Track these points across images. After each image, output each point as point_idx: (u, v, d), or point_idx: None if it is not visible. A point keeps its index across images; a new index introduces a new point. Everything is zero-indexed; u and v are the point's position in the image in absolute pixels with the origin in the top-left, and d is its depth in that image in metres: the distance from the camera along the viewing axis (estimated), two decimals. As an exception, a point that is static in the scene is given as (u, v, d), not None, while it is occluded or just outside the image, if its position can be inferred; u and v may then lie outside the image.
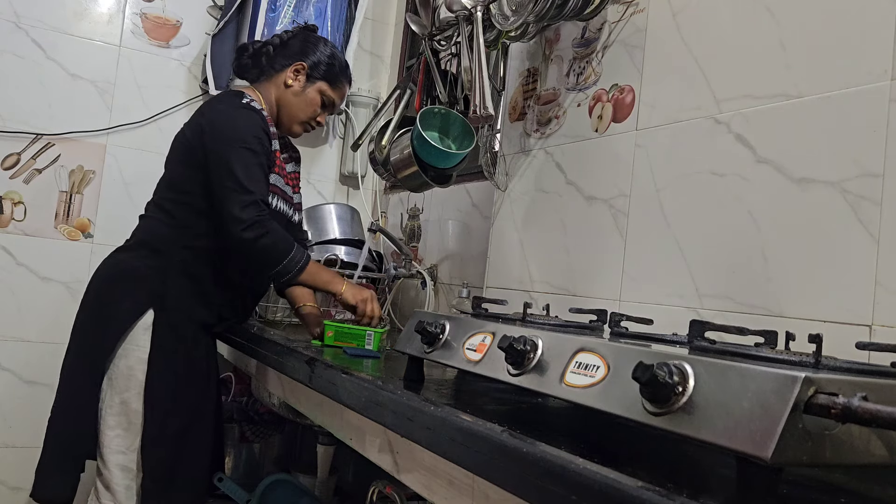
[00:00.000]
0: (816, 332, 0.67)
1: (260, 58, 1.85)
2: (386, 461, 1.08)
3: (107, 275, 1.74)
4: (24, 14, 2.40)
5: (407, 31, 2.86)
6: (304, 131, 1.89)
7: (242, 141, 1.65)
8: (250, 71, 1.88)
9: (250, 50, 1.87)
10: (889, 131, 0.98)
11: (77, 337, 1.72)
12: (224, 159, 1.63)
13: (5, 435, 2.39)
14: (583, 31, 1.60)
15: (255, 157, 1.65)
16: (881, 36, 1.00)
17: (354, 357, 1.37)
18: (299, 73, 1.81)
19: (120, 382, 1.65)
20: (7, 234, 2.39)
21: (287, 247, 1.63)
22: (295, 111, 1.83)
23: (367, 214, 2.75)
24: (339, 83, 1.87)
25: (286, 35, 1.87)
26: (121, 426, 1.65)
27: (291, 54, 1.82)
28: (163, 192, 1.77)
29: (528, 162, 1.72)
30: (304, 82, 1.82)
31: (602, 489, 0.61)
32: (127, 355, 1.65)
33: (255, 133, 1.67)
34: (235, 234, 1.59)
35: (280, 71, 1.82)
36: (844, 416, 0.52)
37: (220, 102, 1.76)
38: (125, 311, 1.66)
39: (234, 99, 1.73)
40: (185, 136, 1.75)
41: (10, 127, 2.38)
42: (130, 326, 1.65)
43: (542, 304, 1.37)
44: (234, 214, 1.59)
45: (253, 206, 1.60)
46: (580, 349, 0.75)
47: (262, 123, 1.71)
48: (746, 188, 1.16)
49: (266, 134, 1.71)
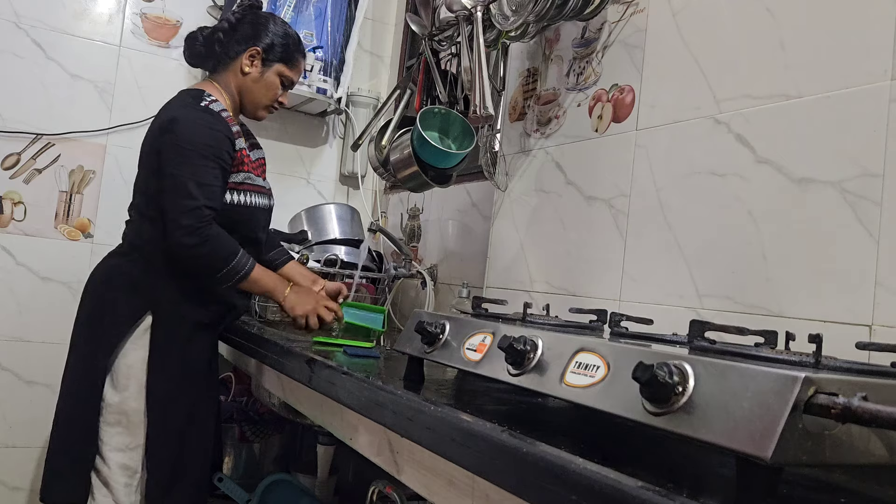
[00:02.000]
0: (816, 332, 0.67)
1: (213, 45, 1.81)
2: (386, 461, 1.08)
3: (103, 280, 1.74)
4: (24, 14, 2.40)
5: (407, 31, 2.86)
6: (269, 113, 1.87)
7: (193, 145, 1.63)
8: (206, 60, 1.85)
9: (200, 38, 1.83)
10: (889, 131, 0.98)
11: (78, 341, 1.73)
12: (174, 164, 1.62)
13: (5, 435, 2.39)
14: (583, 31, 1.60)
15: (205, 161, 1.63)
16: (881, 36, 1.00)
17: (354, 357, 1.37)
18: (255, 58, 1.78)
19: (120, 381, 1.66)
20: (7, 234, 2.39)
21: (228, 254, 1.64)
22: (257, 97, 1.81)
23: (367, 214, 2.75)
24: (295, 61, 1.84)
25: (234, 17, 1.82)
26: (120, 424, 1.65)
27: (244, 38, 1.79)
28: (140, 197, 1.75)
29: (528, 162, 1.72)
30: (260, 67, 1.79)
31: (602, 489, 0.61)
32: (127, 354, 1.66)
33: (210, 137, 1.65)
34: (175, 239, 1.60)
35: (235, 58, 1.79)
36: (844, 416, 0.52)
37: (178, 106, 1.71)
38: (124, 316, 1.67)
39: (192, 101, 1.71)
40: (147, 140, 1.74)
41: (10, 127, 2.38)
42: (130, 329, 1.66)
43: (542, 304, 1.37)
44: (174, 219, 1.60)
45: (195, 211, 1.59)
46: (580, 349, 0.75)
47: (222, 126, 1.68)
48: (746, 188, 1.16)
49: (227, 137, 1.68)
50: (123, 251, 1.76)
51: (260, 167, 1.89)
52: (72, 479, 1.65)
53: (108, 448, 1.65)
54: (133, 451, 1.66)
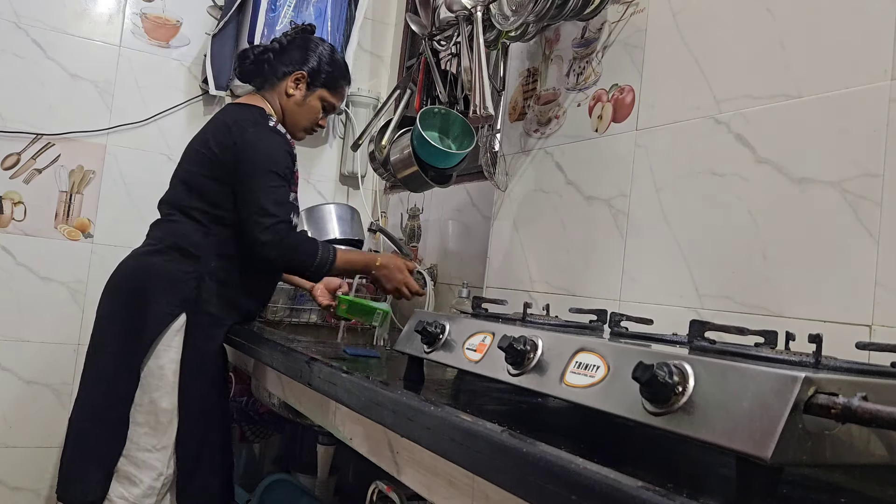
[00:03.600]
0: (816, 332, 0.67)
1: (262, 65, 1.86)
2: (386, 461, 1.08)
3: (140, 277, 1.73)
4: (23, 14, 2.40)
5: (407, 31, 2.86)
6: (307, 135, 1.94)
7: (273, 166, 1.70)
8: (254, 78, 1.90)
9: (251, 56, 1.87)
10: (889, 131, 0.98)
11: (107, 340, 1.72)
12: (253, 185, 1.69)
13: (5, 435, 2.39)
14: (583, 31, 1.60)
15: (280, 181, 1.71)
16: (881, 36, 1.00)
17: (354, 357, 1.38)
18: (300, 82, 1.84)
19: (151, 381, 1.67)
20: (7, 234, 2.39)
21: (311, 252, 1.70)
22: (298, 119, 1.87)
23: (367, 214, 2.75)
24: (338, 87, 1.90)
25: (285, 39, 1.88)
26: (149, 424, 1.66)
27: (291, 62, 1.84)
28: (188, 200, 1.76)
29: (528, 162, 1.72)
30: (304, 91, 1.84)
31: (602, 489, 0.61)
32: (159, 355, 1.67)
33: (283, 158, 1.73)
34: (261, 256, 1.68)
35: (282, 79, 1.84)
36: (844, 416, 0.52)
37: (252, 125, 1.75)
38: (160, 314, 1.68)
39: (262, 121, 1.77)
40: (210, 149, 1.75)
41: (10, 127, 2.38)
42: (165, 329, 1.67)
43: (542, 304, 1.37)
44: (257, 238, 1.66)
45: (272, 228, 1.65)
46: (580, 349, 0.75)
47: (288, 147, 1.77)
48: (746, 188, 1.16)
49: (290, 156, 1.76)
50: (159, 249, 1.75)
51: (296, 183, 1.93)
52: (93, 479, 1.65)
53: (135, 448, 1.66)
54: (160, 451, 1.66)
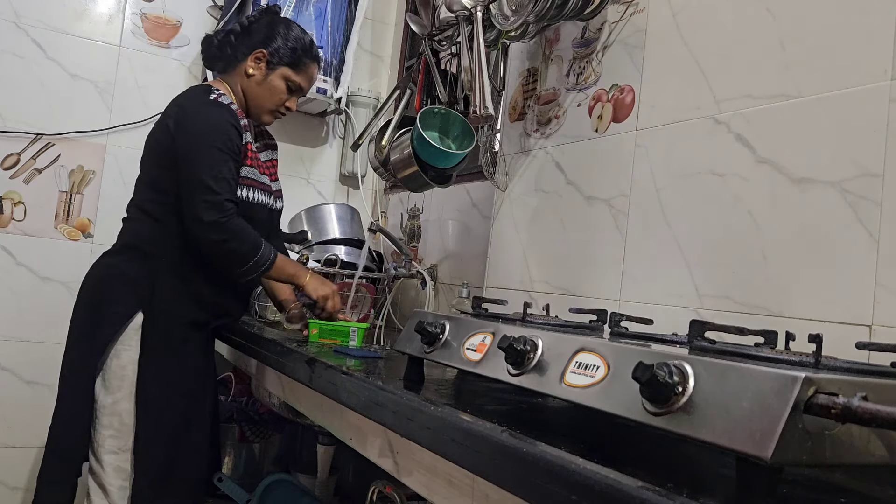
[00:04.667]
0: (816, 332, 0.67)
1: (225, 47, 1.81)
2: (386, 461, 1.08)
3: (96, 279, 1.73)
4: (24, 14, 2.40)
5: (407, 31, 2.86)
6: (275, 118, 1.85)
7: (209, 139, 1.62)
8: (217, 62, 1.85)
9: (215, 40, 1.83)
10: (889, 131, 0.98)
11: (71, 341, 1.72)
12: (190, 159, 1.62)
13: (5, 435, 2.39)
14: (583, 31, 1.60)
15: (221, 155, 1.62)
16: (881, 36, 1.00)
17: (354, 358, 1.37)
18: (260, 61, 1.77)
19: (112, 383, 1.65)
20: (7, 234, 2.39)
21: (252, 248, 1.62)
22: (260, 101, 1.79)
23: (367, 214, 2.75)
24: (303, 66, 1.81)
25: (248, 20, 1.81)
26: (113, 426, 1.64)
27: (253, 42, 1.78)
28: (142, 194, 1.74)
29: (528, 162, 1.72)
30: (265, 70, 1.77)
31: (602, 489, 0.61)
32: (119, 356, 1.65)
33: (222, 130, 1.64)
34: (199, 235, 1.60)
35: (242, 60, 1.78)
36: (844, 416, 0.52)
37: (187, 99, 1.72)
38: (115, 315, 1.66)
39: (202, 95, 1.71)
40: (154, 136, 1.73)
41: (10, 127, 2.38)
42: (121, 329, 1.65)
43: (542, 304, 1.37)
44: (198, 216, 1.58)
45: (217, 206, 1.59)
46: (580, 349, 0.75)
47: (231, 118, 1.67)
48: (746, 188, 1.16)
49: (236, 129, 1.67)
50: (117, 250, 1.75)
51: (270, 168, 1.88)
52: (61, 482, 1.63)
53: (102, 450, 1.64)
54: (125, 453, 1.64)
